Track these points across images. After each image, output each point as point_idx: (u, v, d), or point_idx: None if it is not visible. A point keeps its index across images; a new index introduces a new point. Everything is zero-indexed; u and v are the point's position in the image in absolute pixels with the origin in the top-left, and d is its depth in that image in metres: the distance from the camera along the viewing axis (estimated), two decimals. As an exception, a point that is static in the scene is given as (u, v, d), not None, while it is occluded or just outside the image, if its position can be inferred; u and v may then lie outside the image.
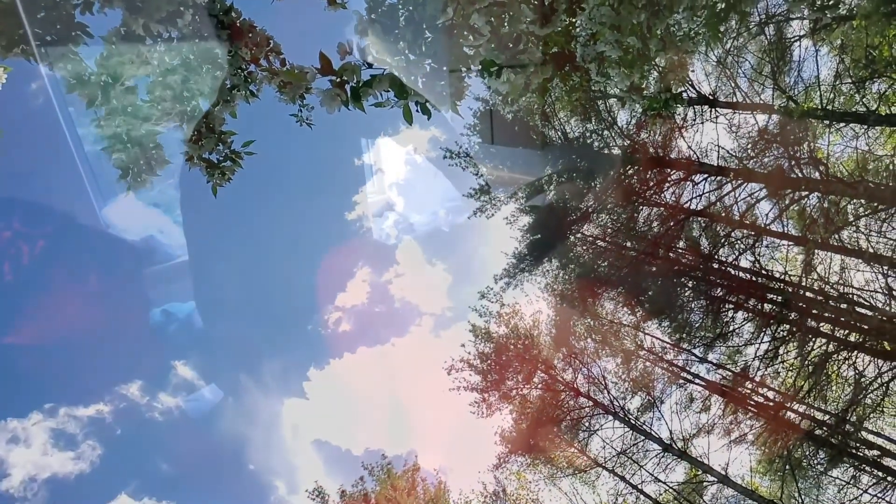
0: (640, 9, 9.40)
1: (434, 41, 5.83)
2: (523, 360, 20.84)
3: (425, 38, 5.78)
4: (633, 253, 20.18)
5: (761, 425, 18.30)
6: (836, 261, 17.75)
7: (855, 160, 17.41)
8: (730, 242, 19.18)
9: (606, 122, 19.32)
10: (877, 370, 17.22)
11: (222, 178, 6.30)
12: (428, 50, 5.84)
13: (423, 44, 5.80)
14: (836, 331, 17.20)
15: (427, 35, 5.76)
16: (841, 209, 17.47)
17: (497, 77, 5.89)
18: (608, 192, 20.11)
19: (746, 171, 17.77)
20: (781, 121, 17.15)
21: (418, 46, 5.81)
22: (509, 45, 6.02)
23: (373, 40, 5.81)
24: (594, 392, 20.50)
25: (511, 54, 6.03)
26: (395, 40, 5.67)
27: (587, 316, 20.81)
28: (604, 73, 10.62)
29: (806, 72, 17.15)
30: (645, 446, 19.80)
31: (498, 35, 5.81)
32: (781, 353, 18.40)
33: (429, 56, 5.89)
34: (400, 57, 5.80)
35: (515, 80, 6.16)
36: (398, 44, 5.69)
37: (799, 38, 16.78)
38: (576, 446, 20.39)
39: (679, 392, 19.76)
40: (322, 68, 5.11)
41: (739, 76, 17.48)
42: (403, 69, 6.11)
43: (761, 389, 18.52)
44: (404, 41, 5.68)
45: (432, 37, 5.78)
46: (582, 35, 11.06)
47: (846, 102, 16.98)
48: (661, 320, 19.79)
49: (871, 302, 16.85)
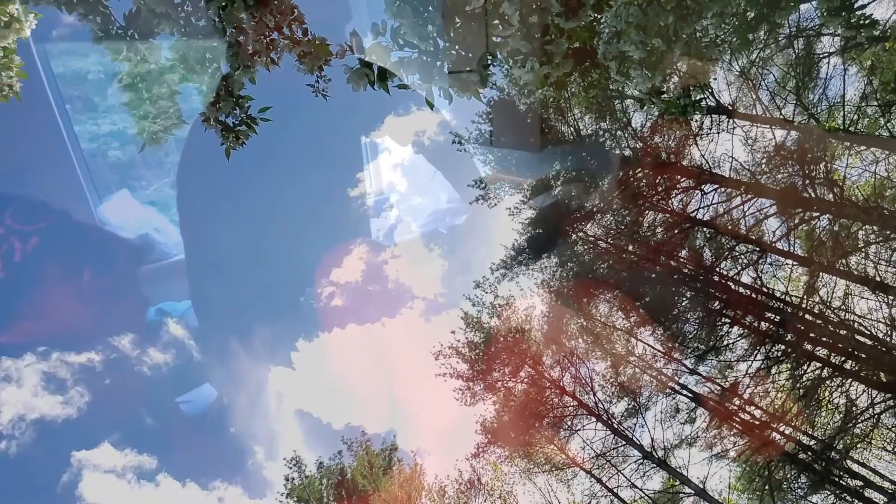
0: (668, 11, 9.06)
1: (463, 28, 5.67)
2: (512, 353, 20.73)
3: (455, 25, 5.60)
4: (633, 257, 19.93)
5: (745, 443, 18.15)
6: (840, 286, 17.46)
7: (872, 185, 17.05)
8: (733, 256, 18.89)
9: (621, 123, 18.96)
10: (869, 400, 17.01)
11: (236, 142, 6.24)
12: (456, 36, 5.68)
13: (452, 30, 5.63)
14: (833, 356, 16.97)
15: (457, 21, 5.59)
16: (851, 234, 17.15)
17: (522, 66, 5.75)
18: (615, 192, 19.81)
19: (758, 186, 17.44)
20: (800, 138, 16.78)
21: (447, 32, 5.65)
22: (536, 35, 5.80)
23: (403, 22, 5.64)
24: (580, 392, 20.40)
25: (538, 45, 5.82)
26: (425, 24, 5.49)
27: (581, 316, 20.64)
28: (624, 73, 10.29)
29: (831, 90, 16.71)
30: (625, 451, 19.72)
31: (526, 25, 5.60)
32: (774, 372, 18.19)
33: (457, 42, 5.72)
34: (428, 41, 5.63)
35: (540, 71, 5.97)
36: (427, 27, 5.51)
37: (828, 54, 16.35)
38: (555, 444, 20.33)
39: (665, 401, 19.64)
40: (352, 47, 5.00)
41: (762, 88, 17.09)
42: (431, 53, 5.97)
43: (749, 407, 18.33)
44: (433, 25, 5.50)
45: (462, 23, 5.60)
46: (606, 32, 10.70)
47: (870, 126, 16.60)
48: (655, 328, 19.59)
49: (871, 331, 16.60)
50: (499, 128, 19.45)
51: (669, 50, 9.07)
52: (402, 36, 5.78)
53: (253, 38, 5.77)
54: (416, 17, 5.75)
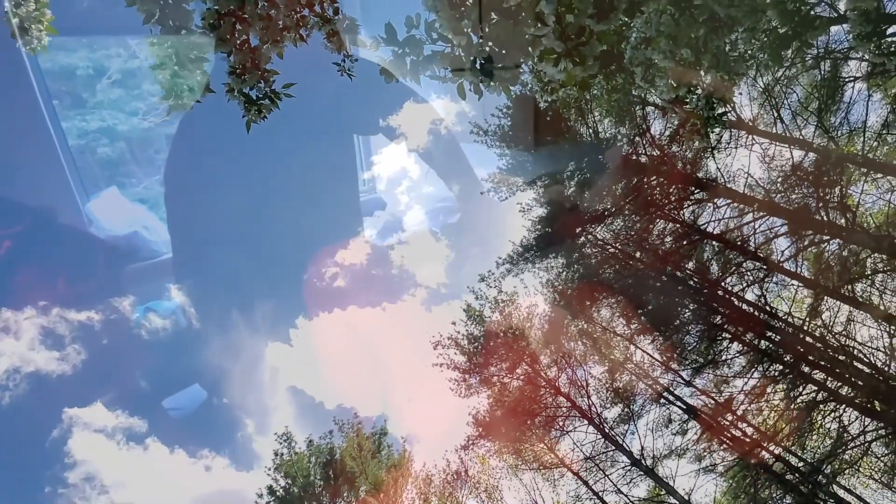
0: (700, 23, 9.02)
1: (498, 24, 5.68)
2: (510, 350, 20.78)
3: (490, 20, 5.62)
4: (640, 264, 19.92)
5: (734, 459, 18.21)
6: (843, 311, 17.45)
7: (885, 214, 17.01)
8: (740, 272, 18.87)
9: (640, 129, 18.91)
10: (861, 428, 17.05)
11: (258, 115, 6.27)
12: (491, 32, 5.69)
13: (487, 25, 5.64)
14: (829, 381, 16.98)
15: (493, 17, 5.60)
16: (860, 261, 17.13)
17: (555, 65, 5.74)
18: (627, 198, 19.79)
19: (771, 204, 17.40)
20: (818, 160, 16.72)
21: (482, 28, 5.66)
22: (572, 36, 5.80)
23: (439, 16, 5.65)
24: (574, 394, 20.46)
25: (573, 45, 5.81)
26: (461, 18, 5.50)
27: (582, 318, 20.67)
28: (649, 80, 10.26)
29: (853, 115, 16.64)
30: (614, 457, 19.78)
31: (562, 25, 5.59)
32: (769, 391, 18.23)
33: (491, 38, 5.73)
34: (462, 36, 5.65)
35: (574, 72, 5.99)
36: (463, 21, 5.52)
37: (854, 79, 16.27)
38: (545, 443, 20.43)
39: (658, 411, 19.68)
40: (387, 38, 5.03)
41: (784, 107, 17.02)
42: (464, 48, 5.99)
43: (741, 424, 18.37)
44: (469, 20, 5.51)
45: (497, 19, 5.61)
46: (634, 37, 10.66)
47: (889, 154, 16.55)
48: (656, 336, 19.61)
49: (870, 359, 16.61)
50: (518, 123, 19.42)
51: (697, 62, 9.05)
52: (436, 30, 5.78)
53: (284, 13, 5.80)
54: (452, 10, 5.76)
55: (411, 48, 5.76)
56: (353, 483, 20.62)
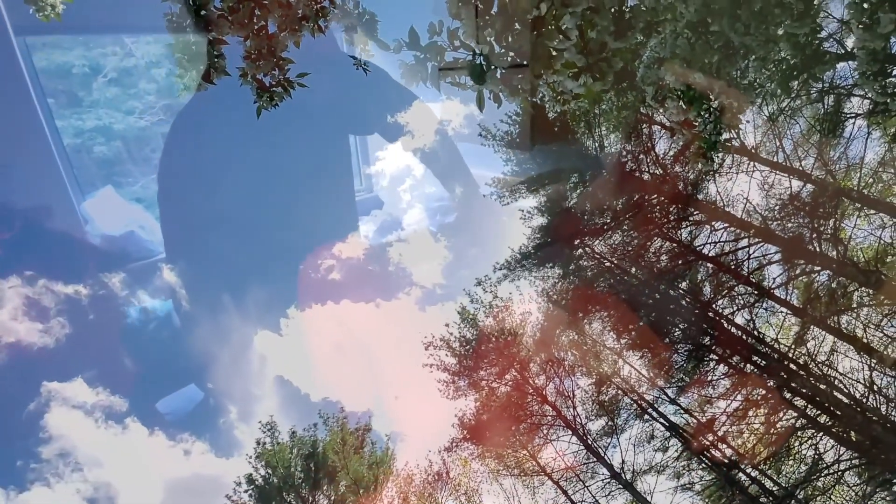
0: (714, 49, 9.29)
1: (521, 35, 5.84)
2: (501, 355, 20.95)
3: (514, 31, 5.78)
4: (634, 280, 20.19)
5: (712, 479, 18.49)
6: (828, 342, 17.79)
7: (875, 250, 17.35)
8: (731, 295, 19.19)
9: (645, 147, 19.20)
10: (836, 456, 17.36)
11: (269, 102, 6.34)
12: (513, 42, 5.85)
13: (511, 35, 5.81)
14: (809, 408, 17.29)
15: (516, 27, 5.76)
16: (848, 293, 17.47)
17: (575, 79, 5.92)
18: (627, 213, 20.06)
19: (767, 231, 17.72)
20: (815, 192, 17.07)
21: (505, 38, 5.82)
22: (593, 51, 6.00)
23: (463, 23, 5.82)
24: (560, 404, 20.66)
25: (593, 60, 6.01)
26: (485, 26, 5.67)
27: (574, 329, 20.89)
28: (659, 100, 10.51)
29: (852, 150, 16.99)
30: (595, 468, 20.02)
31: (584, 40, 5.78)
32: (751, 414, 18.52)
33: (513, 49, 5.90)
34: (485, 45, 5.81)
35: (592, 87, 6.19)
36: (486, 30, 5.68)
37: (855, 115, 16.60)
38: (528, 450, 20.60)
39: (642, 426, 19.93)
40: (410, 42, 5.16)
41: (786, 137, 17.35)
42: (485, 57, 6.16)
43: (721, 444, 18.65)
44: (493, 28, 5.67)
45: (520, 30, 5.78)
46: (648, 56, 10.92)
47: (883, 191, 16.91)
48: (645, 353, 19.86)
49: (849, 390, 16.93)
50: (525, 130, 19.64)
51: (709, 86, 9.31)
52: (459, 37, 5.94)
53: (304, 2, 5.90)
54: (477, 18, 5.92)
55: (433, 54, 5.90)
56: (334, 477, 20.67)
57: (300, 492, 20.58)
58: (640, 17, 7.15)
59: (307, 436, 21.49)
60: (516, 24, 6.06)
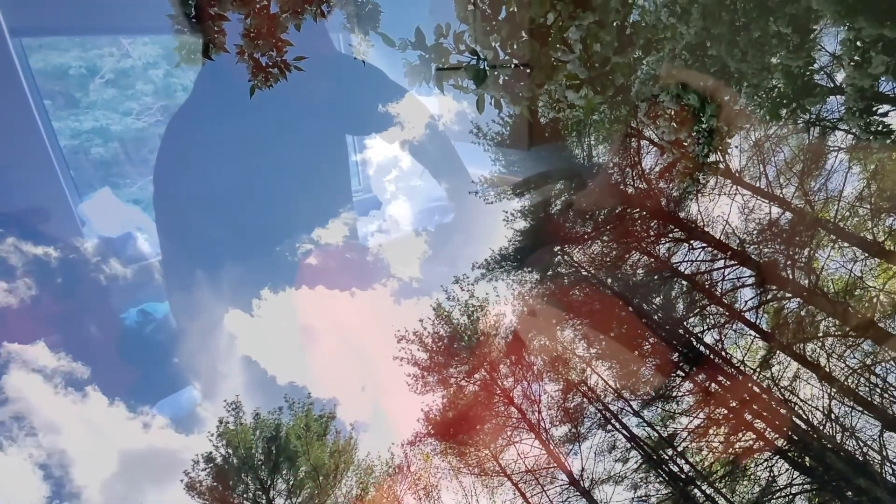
0: (710, 73, 9.41)
1: (526, 43, 5.86)
2: (473, 354, 21.04)
3: (520, 39, 5.79)
4: (609, 291, 20.39)
5: (668, 492, 18.76)
6: (792, 368, 18.15)
7: (845, 282, 17.72)
8: (703, 314, 19.47)
9: (632, 161, 19.38)
10: (789, 480, 17.75)
11: (264, 83, 6.27)
12: (518, 50, 5.87)
13: (516, 43, 5.82)
14: (768, 431, 17.63)
15: (522, 36, 5.78)
16: (815, 322, 17.82)
17: (576, 91, 5.96)
18: (608, 225, 20.24)
19: (743, 254, 18.00)
20: (793, 220, 17.38)
21: (510, 45, 5.83)
22: (596, 64, 6.04)
23: (471, 27, 5.82)
24: (526, 407, 20.82)
25: (595, 74, 6.06)
26: (491, 31, 5.67)
27: (546, 335, 21.05)
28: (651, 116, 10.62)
29: (832, 182, 17.32)
30: (554, 473, 20.22)
31: (588, 53, 5.82)
32: (711, 433, 18.83)
33: (517, 56, 5.91)
34: (490, 50, 5.82)
35: (592, 99, 6.24)
36: (492, 35, 5.69)
37: (838, 149, 16.92)
38: (490, 450, 20.73)
39: (604, 436, 20.15)
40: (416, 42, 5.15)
41: (770, 164, 17.63)
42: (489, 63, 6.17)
43: (679, 460, 18.94)
44: (499, 35, 5.68)
45: (526, 40, 5.80)
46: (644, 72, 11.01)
47: (857, 226, 17.24)
48: (613, 364, 20.09)
49: (808, 416, 17.30)
50: (516, 133, 19.71)
51: (702, 109, 9.44)
52: (464, 41, 5.95)
53: None
54: (484, 23, 5.93)
55: (438, 56, 5.90)
56: (295, 462, 20.60)
57: (259, 473, 20.48)
58: (641, 34, 7.23)
59: (271, 419, 21.37)
60: (523, 33, 6.07)
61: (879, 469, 15.26)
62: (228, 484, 20.19)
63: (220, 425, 21.02)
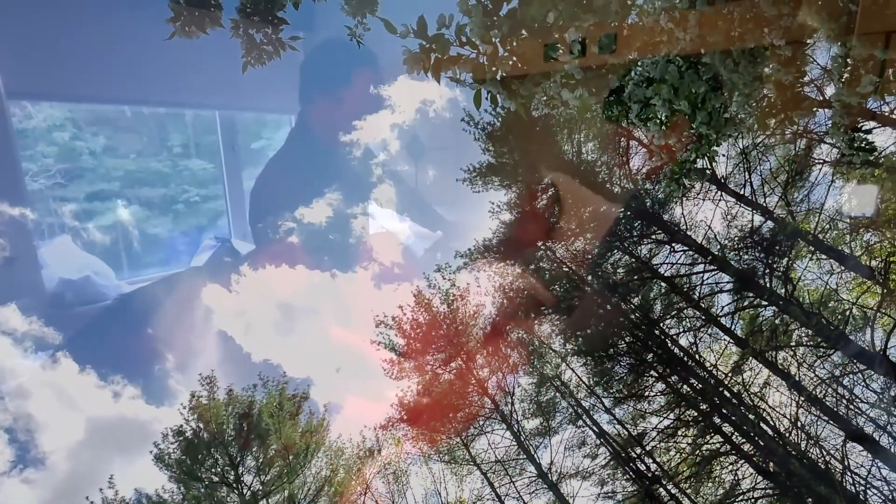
0: (702, 81, 9.44)
1: (526, 41, 5.84)
2: (450, 343, 21.10)
3: (520, 36, 5.77)
4: (589, 288, 20.53)
5: (634, 490, 19.05)
6: (762, 375, 18.47)
7: (820, 293, 18.02)
8: (679, 317, 19.70)
9: (620, 160, 19.47)
10: (752, 484, 18.10)
11: (258, 59, 6.23)
12: (518, 47, 5.84)
13: (516, 40, 5.79)
14: (735, 436, 17.93)
15: (523, 33, 5.75)
16: (788, 331, 18.13)
17: (571, 91, 5.97)
18: (592, 223, 20.33)
19: (723, 260, 18.21)
20: (774, 229, 17.59)
21: (510, 42, 5.80)
22: (592, 66, 6.04)
23: (472, 21, 5.78)
24: (500, 398, 20.96)
25: (592, 76, 6.06)
26: (492, 26, 5.64)
27: (523, 328, 21.17)
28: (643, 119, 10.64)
29: (815, 195, 17.54)
30: (523, 465, 20.42)
31: (585, 54, 5.82)
32: (680, 434, 19.12)
33: (516, 53, 5.89)
34: (490, 45, 5.79)
35: (588, 100, 6.25)
36: (493, 30, 5.65)
37: (822, 162, 17.12)
38: (461, 438, 20.86)
39: (574, 431, 20.39)
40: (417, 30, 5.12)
41: (755, 172, 17.80)
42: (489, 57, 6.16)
43: (647, 459, 19.21)
44: (500, 31, 5.65)
45: (527, 36, 5.77)
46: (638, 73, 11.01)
47: (836, 239, 17.49)
48: (588, 360, 20.26)
49: (775, 423, 17.63)
50: (507, 125, 19.69)
51: (693, 116, 9.46)
52: (465, 34, 5.92)
53: None
54: (486, 17, 5.90)
55: (438, 46, 5.88)
56: (265, 440, 20.55)
57: (229, 449, 20.40)
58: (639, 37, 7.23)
59: (245, 395, 21.26)
60: (523, 31, 6.05)
61: (840, 478, 15.59)
62: (197, 458, 20.10)
63: (192, 399, 20.87)
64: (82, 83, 38.18)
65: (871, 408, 16.65)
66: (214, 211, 47.70)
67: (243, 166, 48.32)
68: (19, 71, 34.71)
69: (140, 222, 43.21)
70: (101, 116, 41.98)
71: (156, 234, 44.23)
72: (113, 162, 41.98)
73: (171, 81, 40.33)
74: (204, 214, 46.93)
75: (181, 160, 45.42)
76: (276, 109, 49.59)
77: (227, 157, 46.49)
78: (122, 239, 42.55)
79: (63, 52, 36.17)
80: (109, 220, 42.01)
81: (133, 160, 43.00)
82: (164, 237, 45.17)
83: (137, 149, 43.13)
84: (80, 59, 37.28)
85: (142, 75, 38.88)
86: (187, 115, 45.57)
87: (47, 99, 39.20)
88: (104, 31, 37.32)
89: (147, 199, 43.63)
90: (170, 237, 45.42)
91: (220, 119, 46.17)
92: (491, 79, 6.15)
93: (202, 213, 46.78)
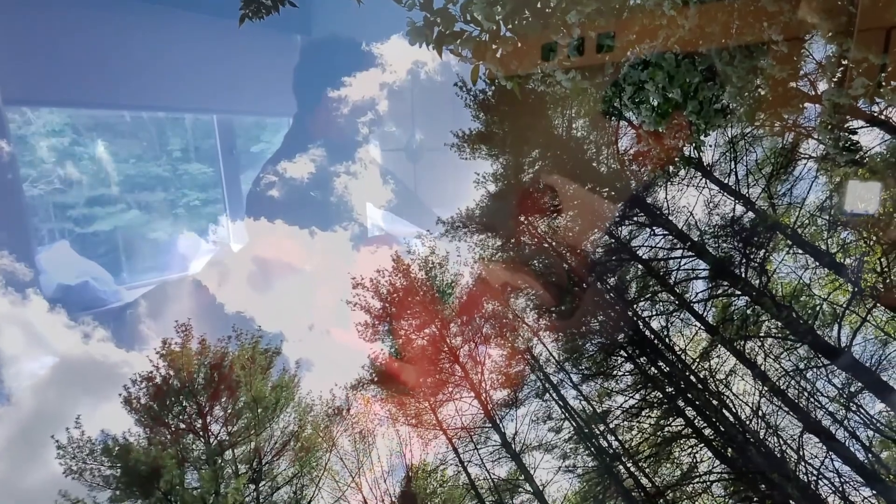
0: (697, 72, 9.37)
1: (529, 23, 5.75)
2: (425, 309, 21.13)
3: (522, 16, 5.67)
4: (567, 265, 20.63)
5: (594, 465, 19.48)
6: (729, 363, 18.80)
7: (793, 287, 18.27)
8: (653, 300, 19.91)
9: (610, 140, 19.39)
10: (709, 468, 18.59)
11: (256, 13, 6.10)
12: (519, 27, 5.76)
13: (518, 19, 5.70)
14: (697, 420, 18.32)
15: (525, 14, 5.64)
16: (758, 322, 18.40)
17: (565, 73, 5.91)
18: (575, 200, 20.33)
19: (701, 247, 18.35)
20: (755, 220, 17.71)
21: (512, 21, 5.71)
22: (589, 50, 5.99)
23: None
24: (470, 367, 21.14)
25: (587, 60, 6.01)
26: (495, 3, 5.53)
27: (499, 300, 21.27)
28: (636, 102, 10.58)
29: (797, 189, 17.64)
30: (488, 434, 20.74)
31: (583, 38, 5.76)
32: (643, 414, 19.49)
33: (517, 33, 5.80)
34: (493, 23, 5.70)
35: (580, 84, 6.20)
36: (496, 7, 5.55)
37: (808, 157, 17.19)
38: (430, 403, 21.06)
39: (541, 405, 20.68)
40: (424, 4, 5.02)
41: (741, 162, 17.83)
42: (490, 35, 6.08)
43: (609, 436, 19.59)
44: (503, 9, 5.55)
45: (529, 17, 5.67)
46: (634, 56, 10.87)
47: (814, 234, 17.67)
48: (560, 336, 20.46)
49: (737, 410, 18.03)
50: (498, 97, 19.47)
51: (685, 104, 9.42)
52: (470, 11, 5.84)
53: None
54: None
55: (443, 20, 5.80)
56: (235, 392, 20.57)
57: (198, 398, 20.40)
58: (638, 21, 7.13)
59: (218, 346, 21.20)
60: (526, 12, 5.97)
61: (794, 467, 16.07)
62: (165, 404, 20.08)
63: (164, 345, 20.77)
64: (81, 89, 38.64)
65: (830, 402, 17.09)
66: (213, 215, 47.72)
67: (242, 169, 48.18)
68: (18, 77, 34.51)
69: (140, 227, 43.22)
70: (100, 122, 42.25)
71: (156, 238, 44.30)
72: (112, 167, 42.02)
73: (170, 86, 40.37)
74: (204, 218, 46.93)
75: (181, 164, 45.36)
76: (274, 112, 49.43)
77: (226, 161, 46.35)
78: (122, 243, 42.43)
79: (62, 58, 36.33)
80: (109, 224, 42.12)
81: (133, 165, 43.02)
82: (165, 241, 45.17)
83: (137, 153, 43.09)
84: (80, 65, 37.54)
85: (141, 81, 38.91)
86: (186, 119, 45.38)
87: (47, 105, 39.36)
88: (103, 37, 37.30)
89: (147, 204, 43.73)
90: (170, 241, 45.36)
91: (218, 123, 46.07)
92: (491, 57, 6.07)
93: (202, 217, 46.73)
